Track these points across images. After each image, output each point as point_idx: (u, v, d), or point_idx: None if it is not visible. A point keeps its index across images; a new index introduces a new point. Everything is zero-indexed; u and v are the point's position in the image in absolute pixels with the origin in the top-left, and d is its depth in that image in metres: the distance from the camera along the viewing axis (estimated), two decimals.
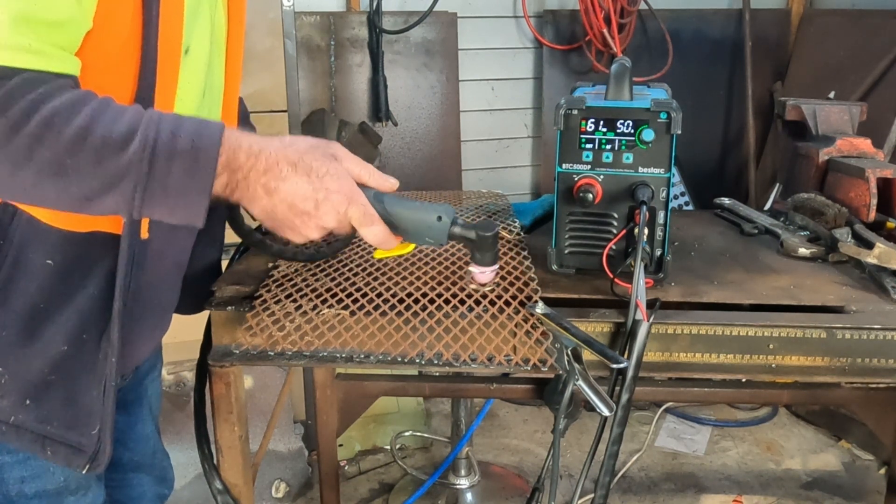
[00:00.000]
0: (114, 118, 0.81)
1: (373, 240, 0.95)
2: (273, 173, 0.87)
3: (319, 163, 0.90)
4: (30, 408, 0.94)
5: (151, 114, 0.84)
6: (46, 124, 0.77)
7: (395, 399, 2.78)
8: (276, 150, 0.88)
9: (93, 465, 0.98)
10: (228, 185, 0.87)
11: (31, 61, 0.79)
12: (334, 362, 1.10)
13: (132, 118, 0.82)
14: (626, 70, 1.24)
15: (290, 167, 0.88)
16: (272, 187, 0.88)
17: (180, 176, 0.82)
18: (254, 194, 0.88)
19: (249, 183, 0.87)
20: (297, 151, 0.90)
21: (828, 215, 1.48)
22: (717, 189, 2.96)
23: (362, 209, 0.92)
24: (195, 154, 0.82)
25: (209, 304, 1.21)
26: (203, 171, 0.83)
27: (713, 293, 1.25)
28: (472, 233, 0.93)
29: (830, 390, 1.94)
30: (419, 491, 2.51)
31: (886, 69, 2.93)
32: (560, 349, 1.10)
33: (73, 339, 0.95)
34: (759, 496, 2.60)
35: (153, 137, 0.81)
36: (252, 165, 0.87)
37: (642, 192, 1.21)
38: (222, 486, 1.32)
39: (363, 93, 3.12)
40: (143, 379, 1.28)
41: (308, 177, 0.89)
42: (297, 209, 0.90)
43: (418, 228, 0.94)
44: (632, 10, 3.12)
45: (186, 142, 0.82)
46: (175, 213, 0.85)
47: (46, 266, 0.92)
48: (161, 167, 0.81)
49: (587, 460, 1.24)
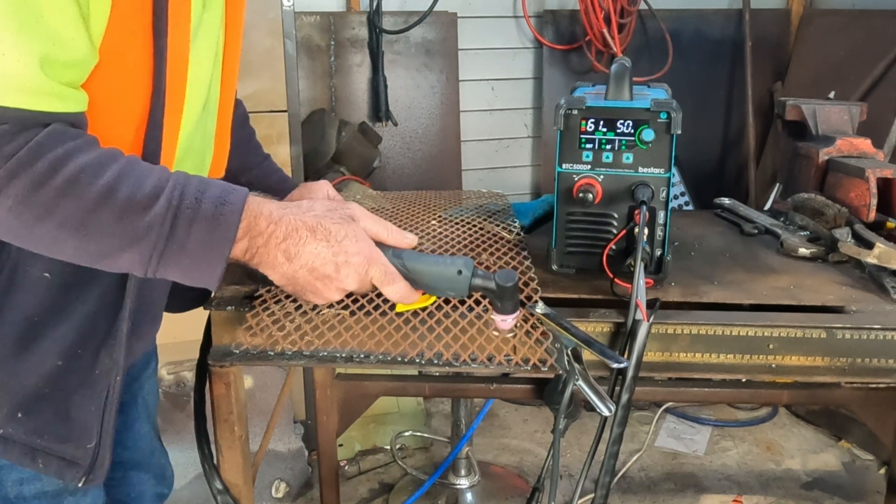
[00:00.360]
0: (140, 178, 0.82)
1: (395, 297, 0.96)
2: (293, 239, 0.89)
3: (338, 226, 0.91)
4: (21, 420, 0.93)
5: (178, 177, 0.84)
6: (73, 180, 0.78)
7: (395, 399, 2.78)
8: (296, 216, 0.90)
9: (89, 478, 0.98)
10: (248, 250, 0.88)
11: (52, 104, 0.79)
12: (334, 362, 1.10)
13: (158, 179, 0.83)
14: (626, 70, 1.24)
15: (309, 232, 0.89)
16: (292, 253, 0.89)
17: (200, 240, 0.83)
18: (274, 260, 0.89)
19: (269, 249, 0.88)
20: (316, 217, 0.91)
21: (828, 215, 1.48)
22: (717, 189, 2.97)
23: (383, 269, 0.93)
24: (217, 219, 0.83)
25: (209, 303, 1.21)
26: (223, 236, 0.84)
27: (713, 293, 1.25)
28: (492, 283, 0.94)
29: (830, 390, 1.94)
30: (419, 491, 2.51)
31: (886, 69, 2.93)
32: (560, 349, 1.09)
33: (69, 353, 0.94)
34: (759, 496, 2.60)
35: (177, 200, 0.82)
36: (272, 232, 0.88)
37: (642, 192, 1.21)
38: (222, 486, 1.32)
39: (363, 93, 3.12)
40: (138, 377, 1.28)
41: (327, 241, 0.90)
42: (318, 273, 0.91)
43: (439, 283, 0.94)
44: (632, 10, 3.12)
45: (210, 207, 0.83)
46: (190, 276, 0.86)
47: (44, 279, 0.92)
48: (182, 230, 0.82)
49: (587, 460, 1.24)
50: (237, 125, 1.24)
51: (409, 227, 1.53)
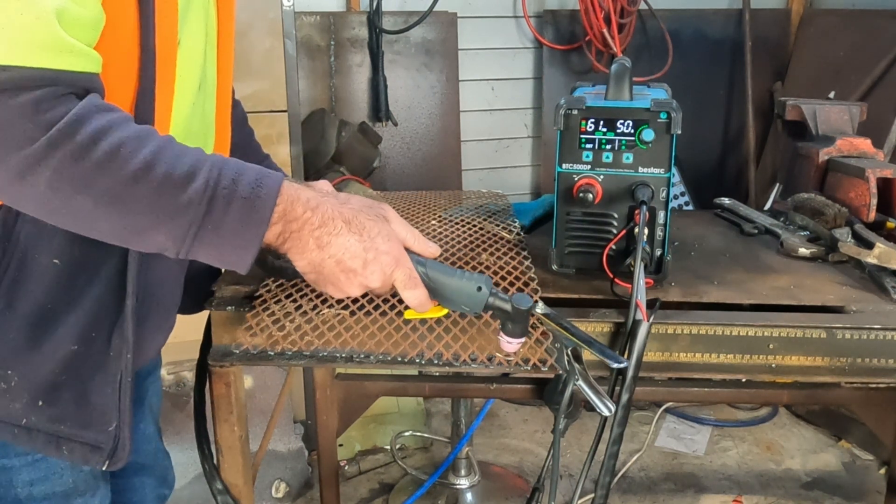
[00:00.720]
0: (178, 156, 0.82)
1: (413, 302, 0.96)
2: (327, 228, 0.89)
3: (372, 223, 0.91)
4: (42, 409, 0.94)
5: (215, 157, 0.85)
6: (113, 154, 0.78)
7: (395, 399, 2.78)
8: (333, 206, 0.90)
9: (112, 460, 0.97)
10: (282, 234, 0.88)
11: (76, 62, 0.78)
12: (334, 362, 1.10)
13: (196, 158, 0.83)
14: (626, 70, 1.24)
15: (344, 224, 0.90)
16: (325, 242, 0.89)
17: (236, 221, 0.83)
18: (305, 246, 0.89)
19: (302, 235, 0.88)
20: (352, 210, 0.91)
21: (828, 215, 1.48)
22: (717, 189, 2.96)
23: (408, 272, 0.93)
24: (253, 201, 0.83)
25: (209, 304, 1.21)
26: (259, 218, 0.84)
27: (713, 293, 1.25)
28: (508, 305, 0.95)
29: (830, 390, 1.94)
30: (419, 491, 2.51)
31: (886, 69, 2.93)
32: (560, 349, 1.10)
33: (83, 338, 0.94)
34: (759, 496, 2.60)
35: (215, 180, 0.82)
36: (308, 219, 0.88)
37: (642, 192, 1.21)
38: (222, 487, 1.32)
39: (363, 93, 3.12)
40: (145, 380, 1.28)
41: (360, 235, 0.90)
42: (345, 265, 0.91)
43: (457, 297, 0.95)
44: (632, 10, 3.12)
45: (247, 188, 0.83)
46: (223, 257, 0.86)
47: (53, 266, 0.92)
48: (219, 210, 0.82)
49: (587, 460, 1.24)
50: (236, 126, 1.24)
51: None
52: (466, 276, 0.96)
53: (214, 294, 1.23)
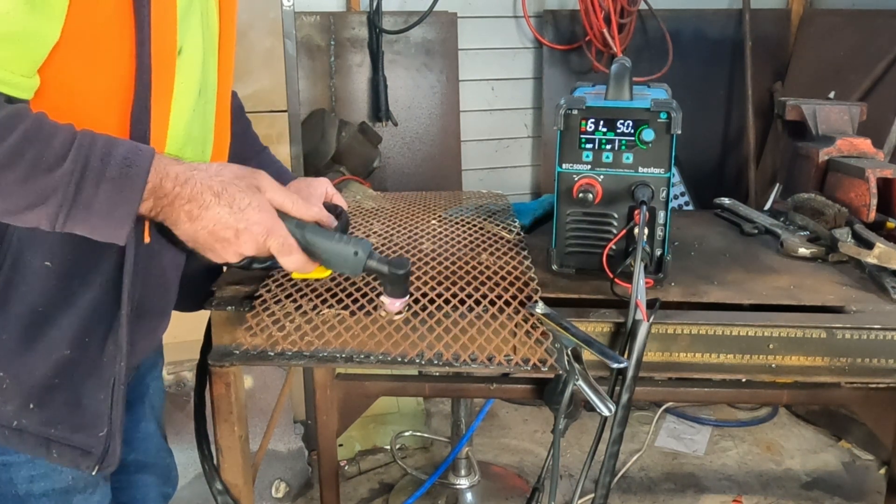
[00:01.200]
0: (46, 138, 0.83)
1: (290, 267, 1.00)
2: (197, 202, 0.91)
3: (243, 194, 0.93)
4: (33, 412, 0.94)
5: (83, 136, 0.85)
6: None
7: (395, 399, 2.78)
8: (202, 179, 0.91)
9: (102, 465, 0.98)
10: (153, 209, 0.90)
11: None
12: (334, 362, 1.10)
13: (64, 139, 0.84)
14: (626, 70, 1.24)
15: (213, 197, 0.91)
16: (195, 215, 0.91)
17: (105, 200, 0.85)
18: (177, 219, 0.91)
19: (174, 209, 0.90)
20: (222, 182, 0.93)
21: (828, 215, 1.48)
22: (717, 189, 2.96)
23: (281, 240, 0.96)
24: (122, 182, 0.85)
25: (209, 303, 1.21)
26: (129, 197, 0.86)
27: (713, 293, 1.25)
28: (384, 268, 1.00)
29: (830, 390, 1.94)
30: (419, 491, 2.51)
31: (886, 69, 2.93)
32: (560, 349, 1.10)
33: (77, 342, 0.95)
34: (759, 496, 2.60)
35: (83, 162, 0.83)
36: (178, 193, 0.90)
37: (642, 192, 1.21)
38: (222, 487, 1.32)
39: (363, 93, 3.12)
40: (145, 377, 1.28)
41: (230, 207, 0.92)
42: (218, 236, 0.93)
43: (335, 260, 1.00)
44: (632, 10, 3.12)
45: (115, 169, 0.85)
46: (97, 233, 0.88)
47: (46, 268, 0.92)
48: (88, 191, 0.84)
49: (587, 460, 1.24)
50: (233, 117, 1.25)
51: (410, 227, 1.53)
52: (345, 240, 0.99)
53: (214, 294, 1.23)
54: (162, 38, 0.91)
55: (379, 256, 1.00)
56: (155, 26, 0.89)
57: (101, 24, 0.86)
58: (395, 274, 1.00)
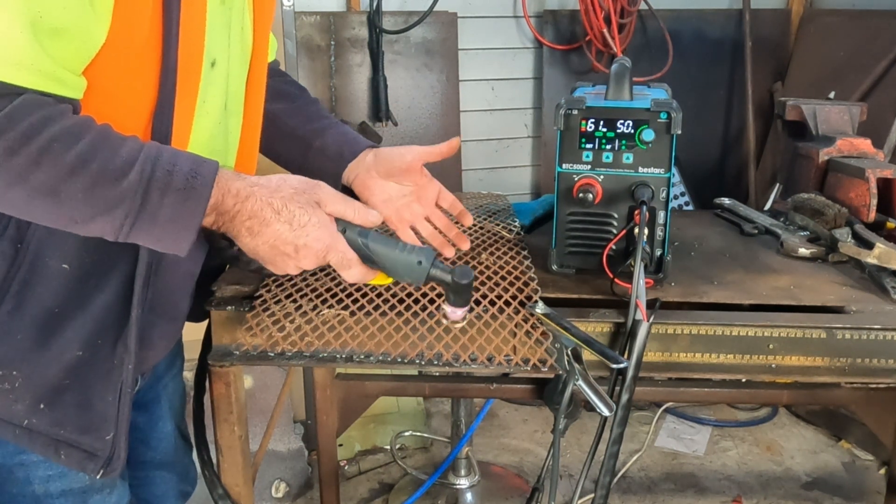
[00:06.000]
0: (113, 148, 0.83)
1: (350, 280, 1.00)
2: (257, 219, 0.92)
3: (302, 210, 0.94)
4: (44, 412, 0.95)
5: (150, 148, 0.86)
6: (45, 150, 0.79)
7: (395, 399, 2.78)
8: (263, 196, 0.92)
9: (107, 469, 0.98)
10: (216, 223, 0.91)
11: (36, 82, 0.80)
12: (334, 362, 1.10)
13: (131, 150, 0.84)
14: (626, 70, 1.24)
15: (273, 213, 0.92)
16: (256, 231, 0.93)
17: (170, 212, 0.85)
18: (238, 233, 0.93)
19: (235, 224, 0.92)
20: (283, 199, 0.94)
21: (828, 215, 1.48)
22: (717, 189, 2.96)
23: (340, 255, 0.96)
24: (188, 194, 0.86)
25: (209, 303, 1.21)
26: (194, 208, 0.86)
27: (713, 293, 1.25)
28: (448, 276, 0.99)
29: (830, 390, 1.94)
30: (419, 491, 2.51)
31: (886, 69, 2.92)
32: (560, 349, 1.10)
33: (89, 344, 0.95)
34: (759, 496, 2.60)
35: (149, 172, 0.84)
36: (238, 210, 0.91)
37: (642, 192, 1.21)
38: (223, 492, 1.32)
39: (363, 93, 3.12)
40: (162, 377, 1.28)
41: (290, 224, 0.93)
42: (279, 251, 0.94)
43: (398, 268, 0.99)
44: (632, 10, 3.12)
45: (181, 180, 0.85)
46: (161, 244, 0.89)
47: (63, 271, 0.93)
48: (154, 202, 0.84)
49: (587, 460, 1.24)
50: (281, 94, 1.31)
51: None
52: (408, 248, 0.98)
53: (214, 294, 1.23)
54: (189, 47, 0.92)
55: (442, 265, 0.99)
56: (183, 34, 0.90)
57: (137, 31, 0.87)
58: (459, 283, 0.98)
